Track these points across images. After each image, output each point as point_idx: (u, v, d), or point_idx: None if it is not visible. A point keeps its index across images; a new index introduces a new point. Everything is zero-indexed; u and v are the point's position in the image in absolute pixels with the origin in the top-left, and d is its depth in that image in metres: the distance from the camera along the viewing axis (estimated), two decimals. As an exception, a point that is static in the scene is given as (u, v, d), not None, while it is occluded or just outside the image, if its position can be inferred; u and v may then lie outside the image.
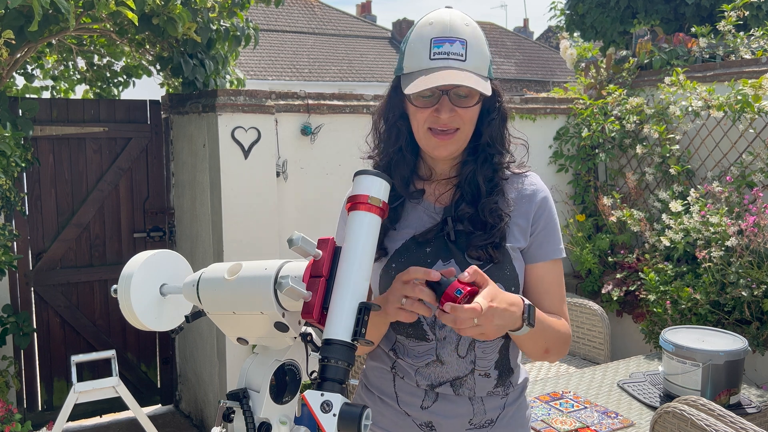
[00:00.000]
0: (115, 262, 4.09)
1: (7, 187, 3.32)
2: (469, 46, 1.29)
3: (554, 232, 1.42)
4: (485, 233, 1.34)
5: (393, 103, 1.40)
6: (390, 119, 1.40)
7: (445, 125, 1.31)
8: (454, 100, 1.30)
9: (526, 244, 1.40)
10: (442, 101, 1.30)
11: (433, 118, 1.31)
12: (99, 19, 3.37)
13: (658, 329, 3.61)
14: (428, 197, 1.42)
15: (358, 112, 3.98)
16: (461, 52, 1.29)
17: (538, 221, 1.40)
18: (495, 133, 1.39)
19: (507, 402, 1.43)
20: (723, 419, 2.03)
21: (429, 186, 1.43)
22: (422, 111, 1.32)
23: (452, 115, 1.30)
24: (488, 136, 1.38)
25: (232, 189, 3.62)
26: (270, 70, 17.65)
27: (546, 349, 1.37)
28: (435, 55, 1.29)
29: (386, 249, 1.39)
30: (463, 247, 1.35)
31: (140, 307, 1.18)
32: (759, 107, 3.54)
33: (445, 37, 1.29)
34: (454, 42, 1.29)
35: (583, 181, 4.65)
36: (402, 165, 1.41)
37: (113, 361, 3.11)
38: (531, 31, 29.19)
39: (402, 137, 1.40)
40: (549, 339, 1.36)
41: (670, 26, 5.36)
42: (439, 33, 1.30)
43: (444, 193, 1.42)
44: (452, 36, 1.29)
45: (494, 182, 1.39)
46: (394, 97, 1.39)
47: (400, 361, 1.42)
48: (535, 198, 1.41)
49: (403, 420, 1.42)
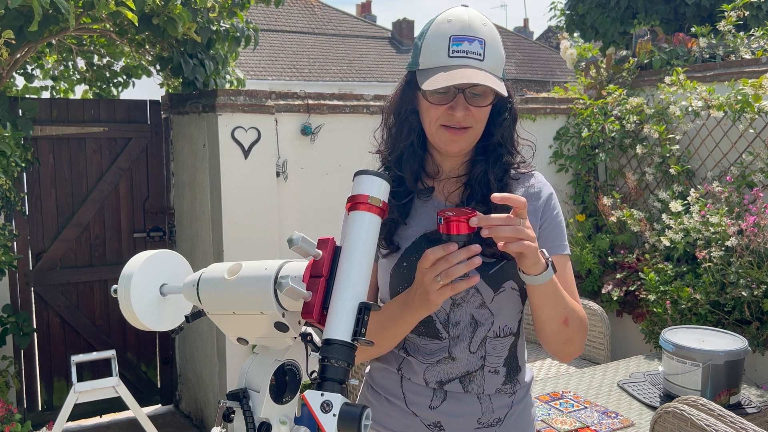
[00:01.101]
0: (115, 262, 4.09)
1: (7, 187, 3.32)
2: (487, 46, 1.30)
3: (560, 228, 1.43)
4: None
5: (405, 98, 1.39)
6: (402, 114, 1.40)
7: (459, 123, 1.31)
8: (470, 99, 1.30)
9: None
10: (458, 99, 1.30)
11: (447, 115, 1.31)
12: (99, 19, 3.37)
13: (658, 329, 3.61)
14: (437, 195, 1.42)
15: (358, 112, 3.98)
16: (479, 51, 1.29)
17: (545, 217, 1.41)
18: (506, 133, 1.39)
19: (515, 400, 1.43)
20: (723, 419, 2.03)
21: (437, 184, 1.43)
22: (436, 108, 1.32)
23: (466, 113, 1.30)
24: (500, 136, 1.38)
25: (232, 189, 3.62)
26: (270, 70, 17.65)
27: (565, 319, 1.32)
28: (454, 53, 1.29)
29: (397, 245, 1.39)
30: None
31: (140, 307, 1.18)
32: (759, 107, 3.54)
33: (465, 36, 1.29)
34: (473, 41, 1.29)
35: (583, 181, 4.65)
36: (412, 160, 1.40)
37: (113, 361, 3.11)
38: (531, 31, 29.21)
39: (414, 132, 1.40)
40: (567, 308, 1.32)
41: (670, 26, 5.36)
42: (458, 31, 1.30)
43: (453, 192, 1.42)
44: (471, 35, 1.29)
45: (504, 182, 1.39)
46: (407, 92, 1.39)
47: (410, 359, 1.41)
48: (542, 196, 1.42)
49: (411, 420, 1.41)
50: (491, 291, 1.35)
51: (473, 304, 1.36)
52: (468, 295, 1.35)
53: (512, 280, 1.35)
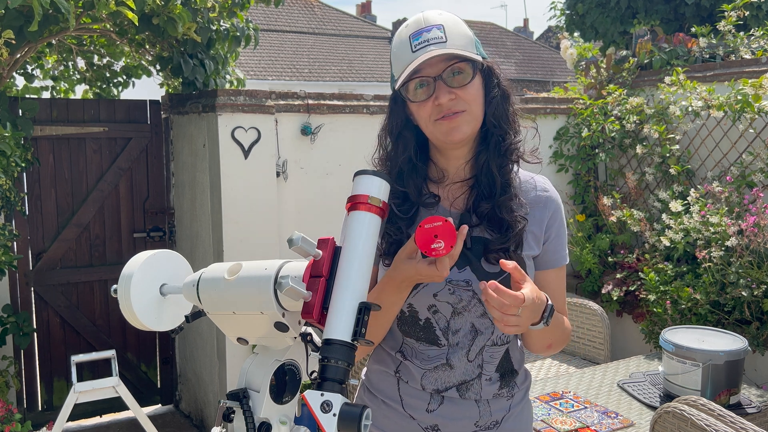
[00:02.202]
0: (115, 262, 4.09)
1: (7, 187, 3.32)
2: (447, 29, 1.29)
3: (563, 239, 1.44)
4: (502, 236, 1.33)
5: (395, 115, 1.39)
6: (394, 131, 1.39)
7: (449, 110, 1.30)
8: (449, 82, 1.29)
9: (539, 251, 1.40)
10: (438, 87, 1.29)
11: (436, 108, 1.30)
12: (99, 19, 3.37)
13: (658, 329, 3.61)
14: (443, 202, 1.41)
15: (358, 112, 3.98)
16: (440, 35, 1.28)
17: (551, 229, 1.41)
18: (499, 111, 1.36)
19: (512, 403, 1.43)
20: (723, 419, 2.03)
21: (443, 190, 1.41)
22: (423, 105, 1.31)
23: (452, 98, 1.29)
24: (492, 115, 1.35)
25: (232, 189, 3.62)
26: (270, 70, 17.65)
27: (549, 345, 1.42)
28: (416, 47, 1.29)
29: None
30: (479, 254, 1.34)
31: (140, 307, 1.18)
32: (759, 107, 3.54)
33: (421, 29, 1.30)
34: (431, 29, 1.29)
35: (583, 181, 4.65)
36: (414, 174, 1.39)
37: (113, 361, 3.11)
38: (531, 31, 29.18)
39: (410, 146, 1.38)
40: (555, 335, 1.40)
41: (670, 26, 5.36)
42: (415, 27, 1.30)
43: (458, 197, 1.40)
44: (427, 26, 1.29)
45: (508, 174, 1.37)
46: (394, 109, 1.39)
47: (407, 363, 1.41)
48: (549, 206, 1.41)
49: (408, 423, 1.41)
50: None
51: (474, 313, 1.36)
52: (470, 304, 1.35)
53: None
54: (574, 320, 3.78)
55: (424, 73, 1.29)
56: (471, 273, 1.34)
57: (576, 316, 3.78)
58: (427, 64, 1.29)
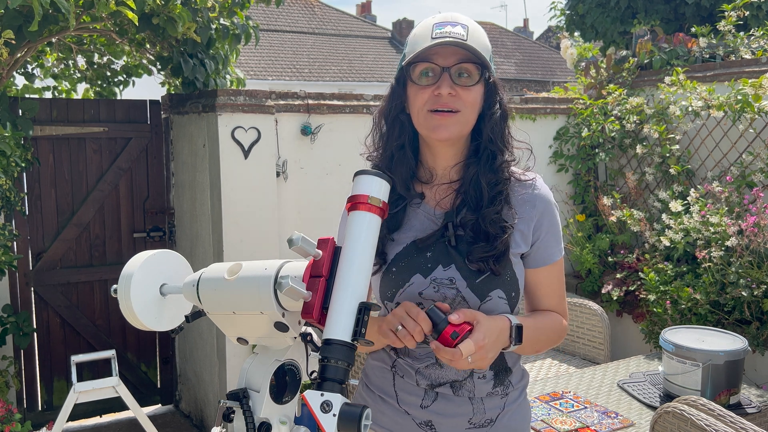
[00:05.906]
0: (115, 262, 4.09)
1: (7, 187, 3.32)
2: (471, 32, 1.31)
3: (556, 236, 1.43)
4: (487, 244, 1.33)
5: (395, 97, 1.40)
6: (392, 113, 1.40)
7: (446, 105, 1.31)
8: (455, 78, 1.31)
9: (528, 249, 1.39)
10: (443, 78, 1.30)
11: (433, 98, 1.31)
12: (99, 18, 3.37)
13: (658, 329, 3.60)
14: (428, 201, 1.41)
15: (358, 112, 3.98)
16: (462, 33, 1.30)
17: (540, 228, 1.40)
18: (496, 129, 1.37)
19: (507, 402, 1.43)
20: (723, 419, 2.03)
21: (429, 190, 1.42)
22: (423, 91, 1.32)
23: (453, 93, 1.30)
24: (489, 131, 1.37)
25: (232, 189, 3.62)
26: (270, 70, 17.65)
27: (536, 350, 1.43)
28: (436, 35, 1.30)
29: (386, 256, 1.39)
30: (463, 253, 1.35)
31: (140, 307, 1.18)
32: (759, 107, 3.54)
33: (447, 21, 1.32)
34: (456, 25, 1.31)
35: (583, 181, 4.65)
36: (403, 164, 1.40)
37: (113, 361, 3.11)
38: (531, 31, 29.18)
39: (405, 132, 1.39)
40: (540, 342, 1.41)
41: (670, 26, 5.36)
42: (441, 20, 1.33)
43: (444, 198, 1.41)
44: (454, 21, 1.32)
45: (498, 188, 1.37)
46: (396, 90, 1.39)
47: (400, 360, 1.42)
48: (537, 203, 1.40)
49: (403, 419, 1.42)
50: (478, 300, 1.34)
51: None
52: (455, 303, 1.35)
53: (500, 289, 1.35)
54: (574, 320, 3.78)
55: (435, 60, 1.31)
56: (456, 271, 1.34)
57: (576, 316, 3.78)
58: (440, 54, 1.31)
